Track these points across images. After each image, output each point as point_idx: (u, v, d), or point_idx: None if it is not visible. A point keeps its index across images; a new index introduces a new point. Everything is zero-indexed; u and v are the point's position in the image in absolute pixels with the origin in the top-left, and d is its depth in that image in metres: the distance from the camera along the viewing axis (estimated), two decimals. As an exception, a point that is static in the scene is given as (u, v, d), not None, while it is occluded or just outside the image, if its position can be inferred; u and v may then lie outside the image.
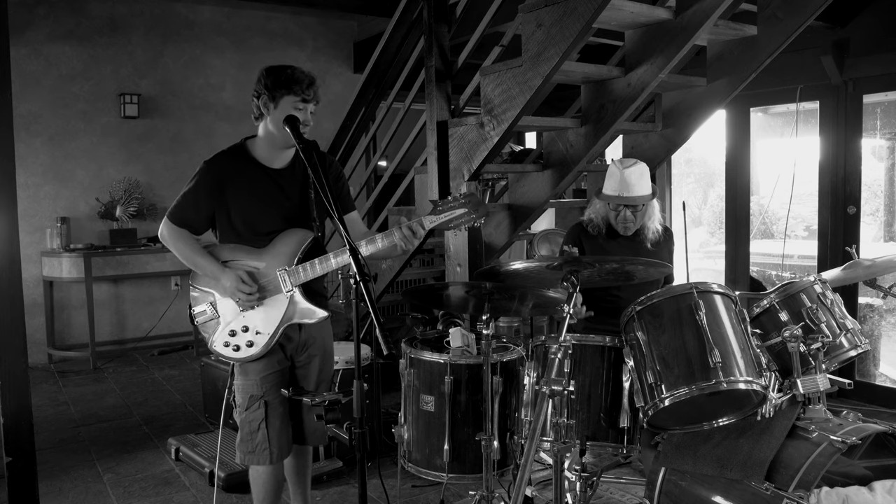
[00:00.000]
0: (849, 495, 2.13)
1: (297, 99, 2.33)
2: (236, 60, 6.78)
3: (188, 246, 2.43)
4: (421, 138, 3.83)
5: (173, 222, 2.43)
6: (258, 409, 2.42)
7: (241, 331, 2.39)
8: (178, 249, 2.43)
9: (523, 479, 1.89)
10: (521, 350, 2.65)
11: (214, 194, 2.39)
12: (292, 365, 2.51)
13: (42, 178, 6.03)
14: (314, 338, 2.52)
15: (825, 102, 4.59)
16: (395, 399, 3.02)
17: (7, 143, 2.71)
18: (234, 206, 2.40)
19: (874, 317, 4.93)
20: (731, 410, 2.32)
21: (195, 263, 2.42)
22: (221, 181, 2.38)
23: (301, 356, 2.51)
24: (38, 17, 5.95)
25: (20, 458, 2.76)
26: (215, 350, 2.43)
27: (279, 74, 2.35)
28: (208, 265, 2.39)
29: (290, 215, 2.43)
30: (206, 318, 2.43)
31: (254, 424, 2.44)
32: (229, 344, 2.40)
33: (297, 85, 2.33)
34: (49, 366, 5.93)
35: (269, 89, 2.34)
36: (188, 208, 2.42)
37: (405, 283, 4.90)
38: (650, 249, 3.07)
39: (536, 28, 3.04)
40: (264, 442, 2.43)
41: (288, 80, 2.33)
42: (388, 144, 4.52)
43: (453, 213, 2.27)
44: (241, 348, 2.39)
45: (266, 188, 2.41)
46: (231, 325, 2.40)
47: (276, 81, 2.34)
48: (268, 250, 2.39)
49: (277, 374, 2.45)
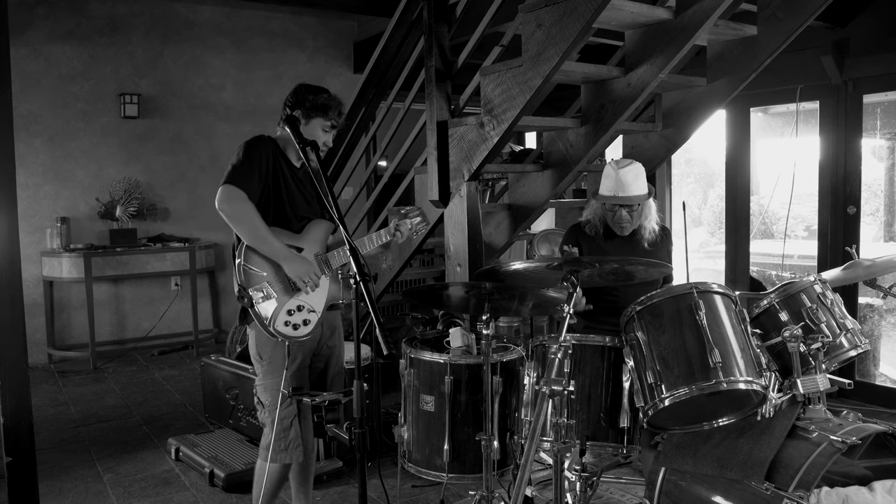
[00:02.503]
0: (849, 495, 2.13)
1: (328, 123, 2.50)
2: (236, 60, 6.78)
3: (259, 218, 2.35)
4: (421, 138, 3.83)
5: (239, 187, 2.32)
6: (290, 405, 2.47)
7: (297, 309, 2.41)
8: (251, 221, 2.32)
9: (523, 479, 1.89)
10: (521, 350, 2.65)
11: (269, 166, 2.43)
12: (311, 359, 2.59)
13: (42, 178, 6.02)
14: (333, 328, 2.62)
15: (825, 102, 4.59)
16: (395, 399, 3.03)
17: (7, 143, 2.71)
18: (280, 186, 2.46)
19: (874, 317, 4.93)
20: (731, 410, 2.32)
21: (267, 241, 2.35)
22: (273, 156, 2.45)
23: (322, 348, 2.60)
24: (38, 17, 5.95)
25: (20, 458, 2.76)
26: (277, 330, 2.36)
27: (318, 97, 2.49)
28: (279, 246, 2.37)
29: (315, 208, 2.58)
30: (264, 297, 2.38)
31: (286, 422, 2.47)
32: (289, 323, 2.38)
33: (332, 111, 2.50)
34: (49, 366, 5.93)
35: (305, 107, 2.47)
36: (248, 176, 2.35)
37: (405, 283, 4.90)
38: (647, 249, 3.07)
39: (536, 28, 3.04)
40: (297, 438, 2.49)
41: (325, 105, 2.49)
42: (388, 144, 4.52)
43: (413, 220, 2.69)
44: (299, 326, 2.40)
45: (297, 180, 2.54)
46: (288, 305, 2.40)
47: (314, 104, 2.48)
48: (304, 236, 2.51)
49: (304, 371, 2.54)
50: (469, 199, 3.48)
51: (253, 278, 2.37)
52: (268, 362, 2.50)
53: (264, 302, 2.37)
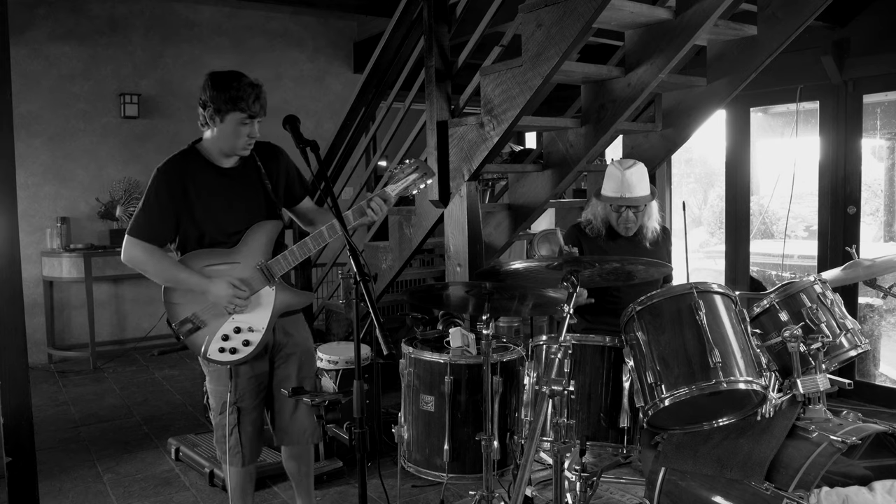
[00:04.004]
0: (849, 495, 2.13)
1: (244, 116, 2.26)
2: (236, 61, 6.77)
3: (164, 263, 2.32)
4: (421, 138, 3.83)
5: (141, 239, 2.32)
6: (231, 414, 2.44)
7: (234, 332, 2.36)
8: (154, 268, 2.32)
9: (523, 479, 1.89)
10: (521, 350, 2.65)
11: (177, 198, 2.31)
12: (271, 367, 2.52)
13: (42, 178, 6.03)
14: (290, 335, 2.52)
15: (825, 102, 4.59)
16: (395, 399, 3.02)
17: (7, 143, 2.71)
18: (199, 206, 2.33)
19: (874, 317, 4.93)
20: (731, 410, 2.32)
21: (176, 280, 2.33)
22: (182, 183, 2.31)
23: (278, 356, 2.52)
24: (38, 17, 5.96)
25: (20, 458, 2.76)
26: (210, 358, 2.38)
27: (225, 89, 2.25)
28: (192, 278, 2.31)
29: (254, 211, 2.41)
30: (191, 329, 2.36)
31: (227, 429, 2.46)
32: (225, 349, 2.36)
33: (242, 102, 2.24)
34: (49, 366, 5.93)
35: (214, 102, 2.26)
36: (153, 219, 2.31)
37: (405, 283, 4.90)
38: (648, 249, 3.07)
39: (536, 28, 3.04)
40: (237, 445, 2.47)
41: (234, 97, 2.24)
42: (388, 144, 4.52)
43: (408, 179, 2.41)
44: (237, 350, 2.37)
45: (226, 186, 2.37)
46: (222, 331, 2.36)
47: (221, 97, 2.25)
48: (239, 248, 2.37)
49: (253, 380, 2.46)
50: (469, 199, 3.48)
51: (175, 312, 2.36)
52: (212, 370, 2.47)
53: (193, 334, 2.36)
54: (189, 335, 2.37)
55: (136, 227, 2.33)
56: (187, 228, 2.36)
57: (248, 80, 2.28)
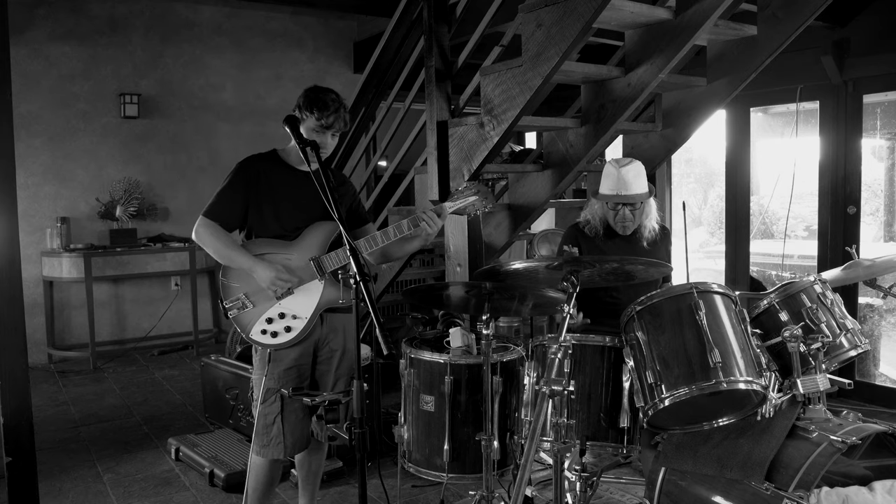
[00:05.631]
0: (849, 495, 2.13)
1: (318, 123, 2.43)
2: (236, 60, 6.78)
3: (223, 241, 2.50)
4: (421, 138, 3.83)
5: (209, 218, 2.51)
6: (274, 402, 2.49)
7: (278, 317, 2.47)
8: (214, 245, 2.49)
9: (523, 479, 1.89)
10: (521, 350, 2.65)
11: (250, 189, 2.50)
12: (314, 360, 2.57)
13: (42, 178, 6.03)
14: (336, 330, 2.59)
15: (825, 102, 4.59)
16: (395, 399, 3.02)
17: (7, 143, 2.71)
18: (269, 200, 2.51)
19: (874, 317, 4.93)
20: (731, 410, 2.32)
21: (230, 258, 2.50)
22: (257, 177, 2.51)
23: (323, 350, 2.58)
24: (38, 17, 5.96)
25: (20, 458, 2.76)
26: (252, 339, 2.49)
27: (311, 95, 2.46)
28: (243, 259, 2.47)
29: (317, 214, 2.53)
30: (239, 308, 2.49)
31: (269, 418, 2.50)
32: (266, 331, 2.47)
33: (319, 111, 2.43)
34: (49, 366, 5.93)
35: (300, 108, 2.46)
36: (225, 203, 2.51)
37: (405, 283, 4.90)
38: (647, 249, 3.07)
39: (536, 28, 3.04)
40: (279, 435, 2.50)
41: (314, 102, 2.43)
42: (388, 144, 4.52)
43: (467, 199, 2.51)
44: (278, 334, 2.46)
45: (296, 187, 2.53)
46: (267, 314, 2.47)
47: (305, 101, 2.45)
48: (297, 242, 2.51)
49: (295, 371, 2.52)
50: (469, 199, 3.47)
51: (229, 291, 2.52)
52: (258, 358, 2.57)
53: (239, 312, 2.50)
54: (236, 313, 2.50)
55: (210, 208, 2.52)
56: (255, 218, 2.53)
57: (334, 96, 2.48)
